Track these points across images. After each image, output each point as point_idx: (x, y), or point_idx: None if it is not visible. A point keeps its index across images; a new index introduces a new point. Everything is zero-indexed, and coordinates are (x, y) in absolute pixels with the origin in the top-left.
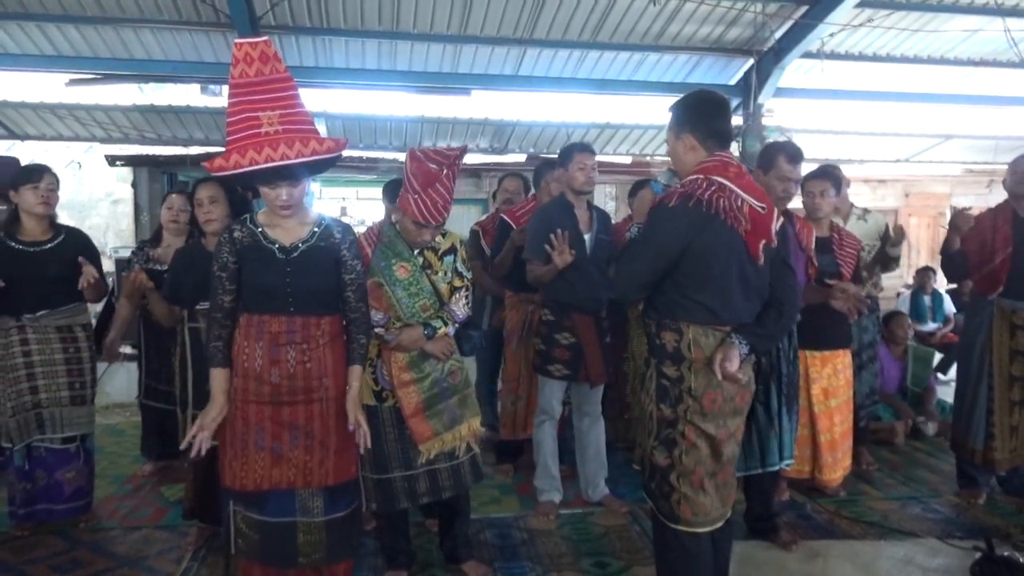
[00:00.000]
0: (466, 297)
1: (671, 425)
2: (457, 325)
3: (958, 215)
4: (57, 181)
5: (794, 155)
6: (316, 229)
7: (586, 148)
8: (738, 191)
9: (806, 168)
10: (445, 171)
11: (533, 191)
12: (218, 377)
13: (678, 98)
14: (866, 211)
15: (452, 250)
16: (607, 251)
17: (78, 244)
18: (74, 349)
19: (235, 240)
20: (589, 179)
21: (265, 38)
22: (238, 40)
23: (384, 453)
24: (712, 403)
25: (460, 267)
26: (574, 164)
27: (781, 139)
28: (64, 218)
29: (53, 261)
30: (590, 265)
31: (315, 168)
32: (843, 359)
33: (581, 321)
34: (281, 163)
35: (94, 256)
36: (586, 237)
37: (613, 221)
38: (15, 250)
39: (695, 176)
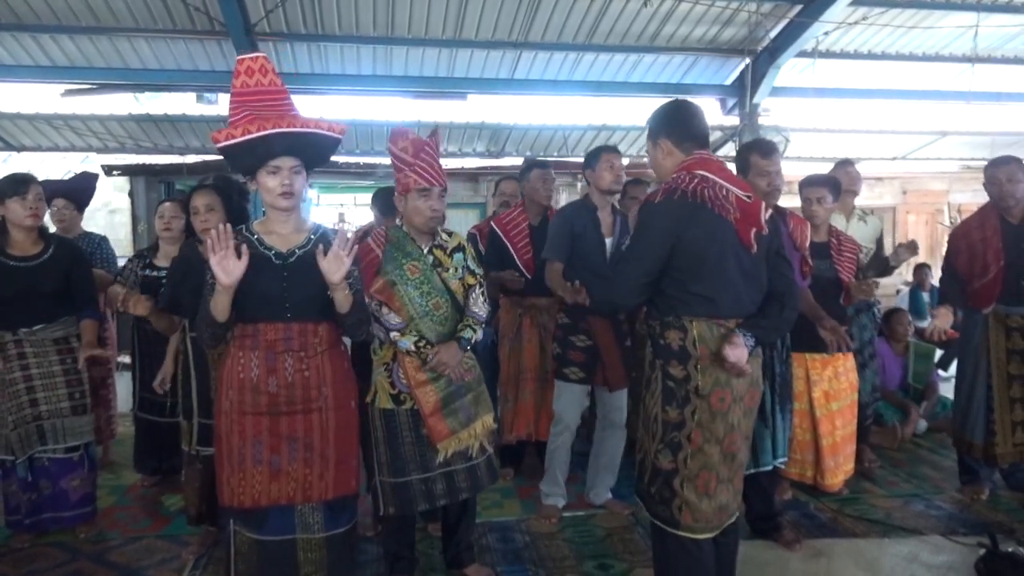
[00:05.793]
0: (482, 295)
1: (677, 428)
2: (483, 326)
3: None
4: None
5: (766, 149)
6: (312, 236)
7: (614, 149)
8: (721, 182)
9: (806, 169)
10: (426, 142)
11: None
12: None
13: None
14: (867, 213)
15: (460, 248)
16: None
17: (70, 256)
18: (71, 360)
19: None
20: (617, 178)
21: (263, 54)
22: (239, 56)
23: (402, 456)
24: (720, 402)
25: (471, 264)
26: (602, 163)
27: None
28: None
29: (45, 276)
30: (609, 270)
31: (316, 155)
32: (844, 362)
33: (597, 323)
34: (289, 130)
35: (85, 269)
36: (607, 241)
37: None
38: (6, 266)
39: (677, 174)
